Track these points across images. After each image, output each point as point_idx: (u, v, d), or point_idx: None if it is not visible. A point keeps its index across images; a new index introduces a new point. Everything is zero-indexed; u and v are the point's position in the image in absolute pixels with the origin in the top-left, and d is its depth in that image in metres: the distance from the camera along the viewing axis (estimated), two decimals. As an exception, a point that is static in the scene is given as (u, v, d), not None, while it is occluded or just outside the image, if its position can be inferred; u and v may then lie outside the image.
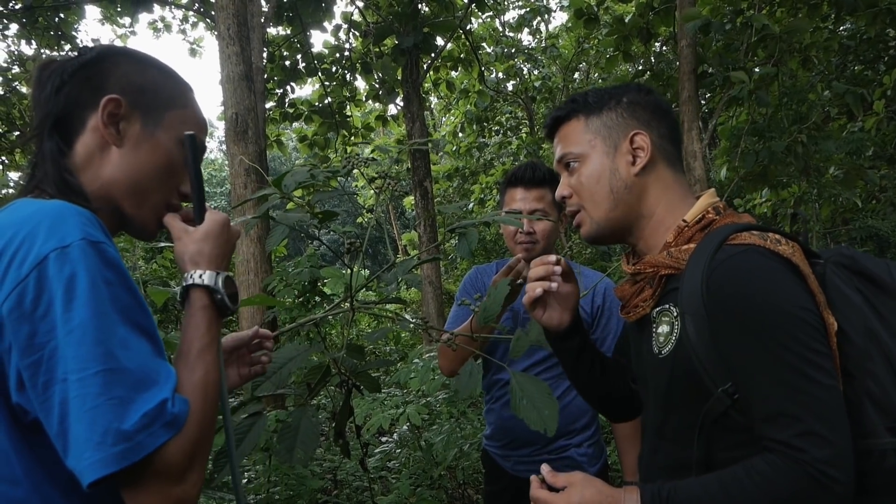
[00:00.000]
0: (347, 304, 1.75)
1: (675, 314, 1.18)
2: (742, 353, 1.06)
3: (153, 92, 1.10)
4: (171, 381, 0.90)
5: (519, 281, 1.93)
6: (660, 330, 1.22)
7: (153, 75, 1.12)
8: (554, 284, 1.37)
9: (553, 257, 1.39)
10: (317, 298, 5.04)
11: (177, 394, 0.90)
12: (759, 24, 5.20)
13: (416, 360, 4.32)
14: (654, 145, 1.28)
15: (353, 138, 10.52)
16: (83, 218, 0.91)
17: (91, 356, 0.83)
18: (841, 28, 6.79)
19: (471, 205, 12.59)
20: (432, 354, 4.35)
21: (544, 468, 1.23)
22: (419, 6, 8.01)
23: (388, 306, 2.01)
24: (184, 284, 1.07)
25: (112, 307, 0.87)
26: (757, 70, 5.61)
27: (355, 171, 1.90)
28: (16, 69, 9.27)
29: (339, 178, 1.83)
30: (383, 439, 5.19)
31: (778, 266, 1.07)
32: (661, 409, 1.24)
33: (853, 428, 1.02)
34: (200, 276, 1.06)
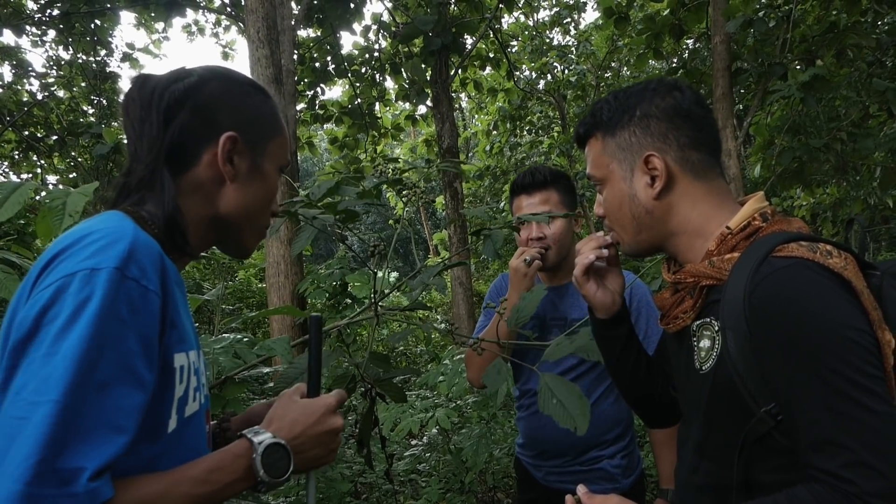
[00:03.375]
0: (372, 310, 1.73)
1: (717, 328, 1.11)
2: (787, 376, 0.98)
3: (259, 124, 1.12)
4: (112, 449, 0.80)
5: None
6: (701, 344, 1.16)
7: (256, 104, 1.13)
8: (605, 251, 1.37)
9: (600, 234, 1.39)
10: (347, 301, 5.06)
11: (107, 476, 0.80)
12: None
13: (446, 362, 4.30)
14: (673, 162, 1.19)
15: (382, 139, 10.55)
16: (139, 252, 0.89)
17: (58, 381, 0.78)
18: (879, 23, 6.60)
19: (501, 203, 12.54)
20: (461, 357, 4.32)
21: (580, 489, 1.18)
22: (448, 6, 7.99)
23: (413, 311, 1.98)
24: (240, 433, 1.03)
25: (111, 345, 0.83)
26: (798, 67, 5.49)
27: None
28: (54, 74, 9.47)
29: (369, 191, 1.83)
30: (413, 442, 5.18)
31: (827, 282, 0.98)
32: (701, 426, 1.18)
33: None
34: (256, 433, 1.01)
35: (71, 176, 9.54)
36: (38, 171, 9.66)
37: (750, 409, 1.03)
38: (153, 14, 8.90)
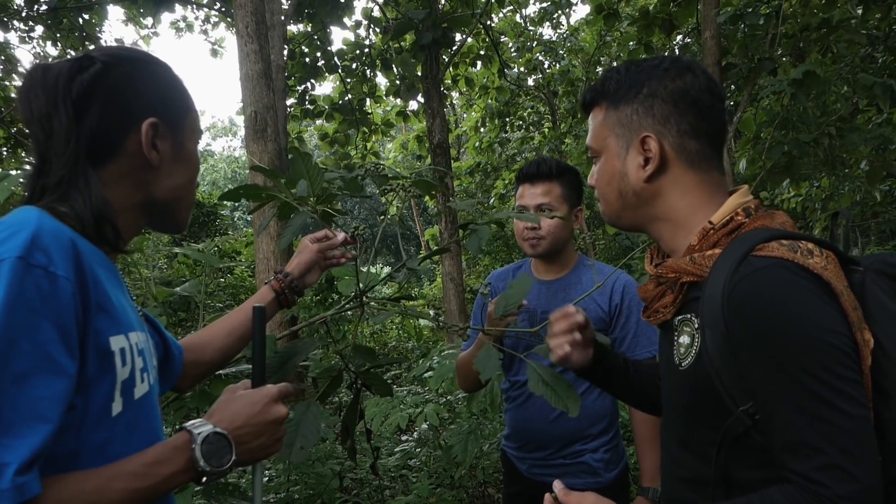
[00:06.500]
0: (358, 303, 1.72)
1: (696, 326, 1.11)
2: (762, 377, 0.98)
3: (173, 102, 1.11)
4: (36, 440, 0.79)
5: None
6: (681, 340, 1.15)
7: (166, 82, 1.12)
8: (578, 335, 1.40)
9: (572, 308, 1.43)
10: (334, 296, 5.04)
11: (34, 472, 0.79)
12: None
13: (435, 358, 4.30)
14: (669, 147, 1.17)
15: (373, 135, 10.52)
16: (43, 238, 0.86)
17: None
18: (869, 20, 6.61)
19: (491, 200, 12.54)
20: (450, 352, 4.32)
21: (557, 484, 1.18)
22: (438, 2, 7.98)
23: (400, 302, 1.97)
24: (181, 425, 1.01)
25: (23, 336, 0.80)
26: (785, 60, 5.50)
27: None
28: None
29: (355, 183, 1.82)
30: (403, 438, 5.17)
31: (806, 283, 0.97)
32: (683, 421, 1.18)
33: (887, 451, 0.94)
34: (195, 423, 1.00)
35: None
36: (27, 167, 9.59)
37: (728, 407, 1.03)
38: (142, 9, 8.84)
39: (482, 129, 13.30)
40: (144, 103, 1.06)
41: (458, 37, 8.47)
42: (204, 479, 0.97)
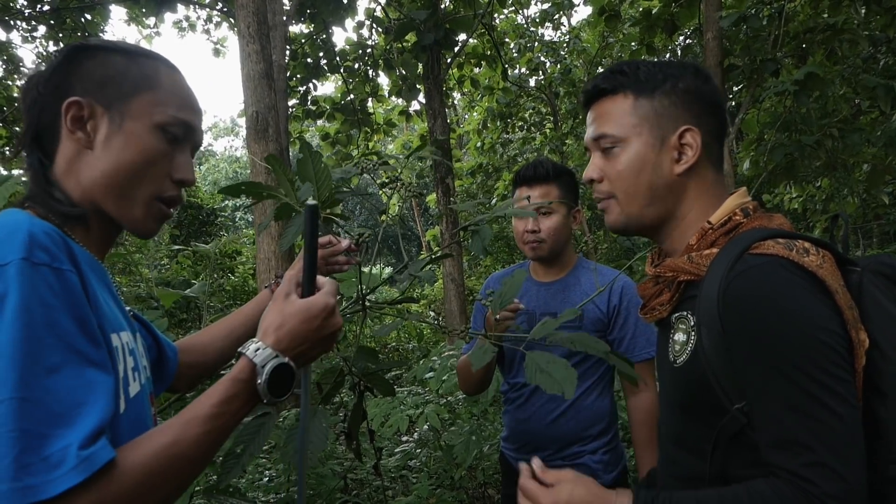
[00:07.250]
0: (360, 305, 1.72)
1: (692, 323, 1.11)
2: (755, 374, 0.98)
3: (115, 82, 1.03)
4: (91, 421, 0.79)
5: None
6: (676, 337, 1.16)
7: (115, 63, 1.04)
8: None
9: None
10: (335, 297, 5.03)
11: (105, 439, 0.80)
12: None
13: (435, 359, 4.30)
14: (702, 144, 1.16)
15: (375, 135, 10.52)
16: (40, 237, 0.86)
17: (4, 381, 0.76)
18: (871, 21, 6.60)
19: (493, 201, 12.54)
20: (451, 353, 4.32)
21: (535, 461, 1.17)
22: (440, 2, 7.98)
23: (402, 304, 1.97)
24: (238, 350, 0.98)
25: (46, 332, 0.80)
26: (788, 60, 5.49)
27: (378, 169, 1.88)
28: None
29: (356, 178, 1.82)
30: (403, 439, 5.17)
31: (800, 281, 0.98)
32: (678, 419, 1.18)
33: (882, 452, 0.95)
34: (256, 350, 0.96)
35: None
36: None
37: (723, 405, 1.03)
38: (144, 9, 8.85)
39: (484, 131, 13.32)
40: (79, 84, 1.01)
41: (461, 37, 8.47)
42: (269, 404, 0.98)
